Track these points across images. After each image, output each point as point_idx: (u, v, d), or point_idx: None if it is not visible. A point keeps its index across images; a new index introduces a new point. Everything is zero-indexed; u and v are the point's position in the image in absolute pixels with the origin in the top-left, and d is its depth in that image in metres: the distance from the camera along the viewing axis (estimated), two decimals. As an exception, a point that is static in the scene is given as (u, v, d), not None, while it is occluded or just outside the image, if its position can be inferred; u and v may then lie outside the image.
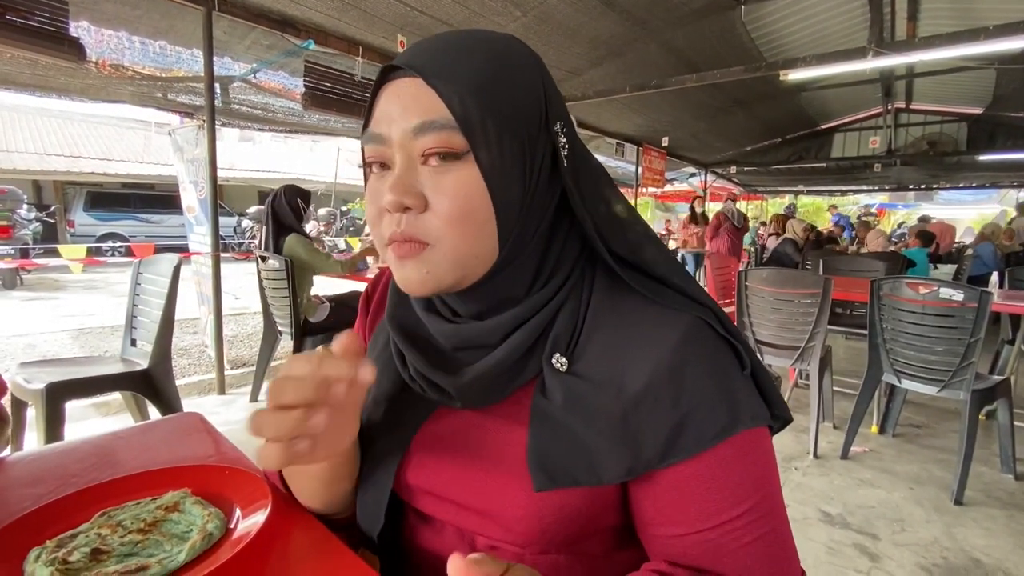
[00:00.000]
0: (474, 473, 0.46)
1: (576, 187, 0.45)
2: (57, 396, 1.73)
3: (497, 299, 0.46)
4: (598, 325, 0.46)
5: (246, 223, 11.93)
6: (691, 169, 10.09)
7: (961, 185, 12.58)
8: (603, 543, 0.47)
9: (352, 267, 2.94)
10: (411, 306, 0.52)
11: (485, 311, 0.47)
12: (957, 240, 8.94)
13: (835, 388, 2.83)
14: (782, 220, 7.37)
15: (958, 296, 2.00)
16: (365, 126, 0.45)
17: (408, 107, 0.41)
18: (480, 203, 0.41)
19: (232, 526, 0.50)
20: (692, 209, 7.86)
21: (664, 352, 0.42)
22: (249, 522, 0.49)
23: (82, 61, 2.66)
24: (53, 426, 1.72)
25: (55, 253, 5.11)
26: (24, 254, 7.39)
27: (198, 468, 0.58)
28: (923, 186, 13.35)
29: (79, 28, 2.93)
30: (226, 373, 3.25)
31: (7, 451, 0.74)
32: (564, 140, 0.44)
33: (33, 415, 1.81)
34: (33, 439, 1.94)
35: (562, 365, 0.45)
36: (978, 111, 8.02)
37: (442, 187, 0.41)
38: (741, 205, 10.70)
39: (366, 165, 0.46)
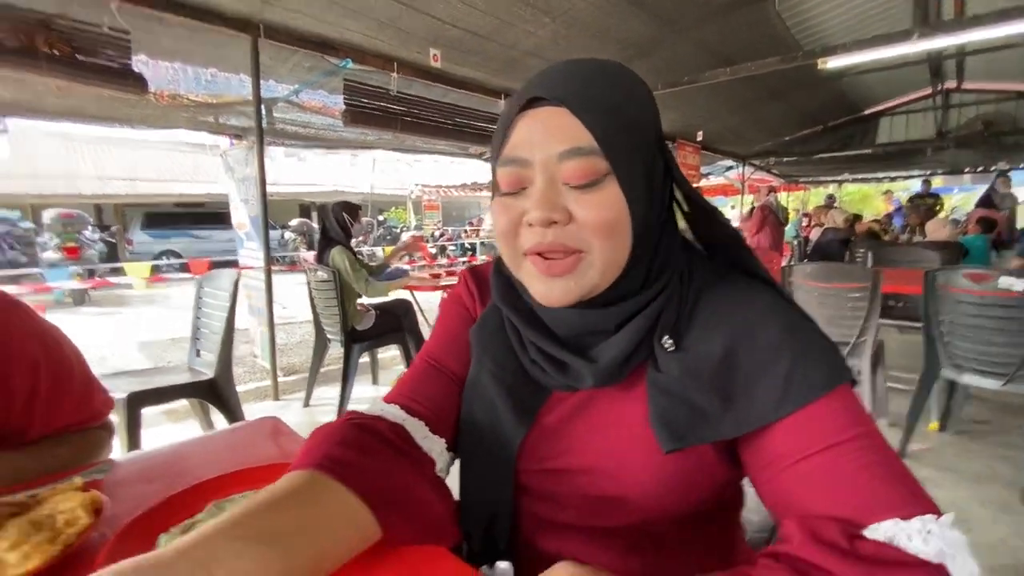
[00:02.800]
0: (595, 446, 0.51)
1: (685, 195, 0.52)
2: (136, 404, 1.89)
3: (617, 296, 0.51)
4: (701, 308, 0.51)
5: (288, 235, 12.43)
6: (727, 162, 9.86)
7: (1022, 166, 11.80)
8: (714, 524, 0.53)
9: (377, 293, 2.91)
10: (520, 296, 0.55)
11: (601, 304, 0.51)
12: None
13: (889, 384, 2.73)
14: (823, 211, 7.15)
15: (1018, 286, 1.91)
16: (499, 151, 0.50)
17: (552, 134, 0.46)
18: (623, 216, 0.47)
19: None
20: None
21: (767, 317, 0.48)
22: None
23: (145, 93, 2.85)
24: (133, 431, 1.87)
25: (120, 271, 5.46)
26: (91, 273, 7.94)
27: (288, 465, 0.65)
28: (980, 168, 12.59)
29: (139, 62, 3.15)
30: (279, 380, 3.41)
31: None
32: (672, 155, 0.52)
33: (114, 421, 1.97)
34: (115, 443, 2.10)
35: (670, 346, 0.50)
36: (1037, 87, 7.53)
37: (590, 203, 0.46)
38: (782, 197, 10.38)
39: (497, 186, 0.50)
